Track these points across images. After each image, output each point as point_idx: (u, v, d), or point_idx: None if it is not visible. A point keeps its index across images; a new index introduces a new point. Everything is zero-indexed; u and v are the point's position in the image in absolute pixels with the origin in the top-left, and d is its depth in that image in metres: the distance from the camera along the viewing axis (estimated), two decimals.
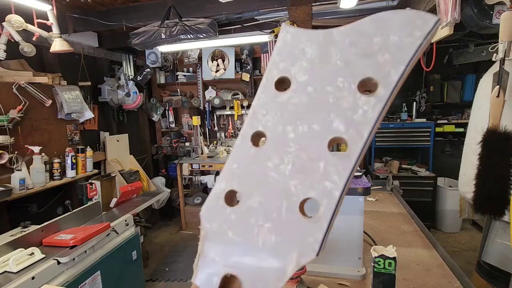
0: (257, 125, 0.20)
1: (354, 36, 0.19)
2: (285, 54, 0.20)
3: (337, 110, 0.19)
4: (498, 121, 1.40)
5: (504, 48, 1.36)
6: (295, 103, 0.20)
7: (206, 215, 0.21)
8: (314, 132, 0.19)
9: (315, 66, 0.19)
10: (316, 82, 0.19)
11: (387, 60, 0.18)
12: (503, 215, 1.47)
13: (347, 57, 0.19)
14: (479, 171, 1.50)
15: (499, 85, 1.38)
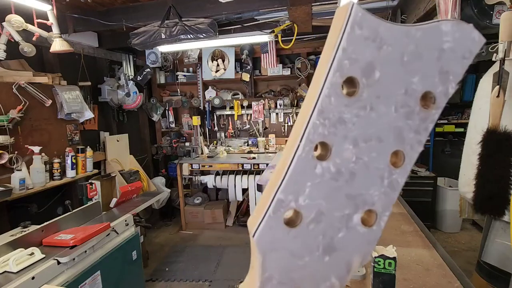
0: (321, 135, 0.18)
1: (426, 44, 0.18)
2: (358, 47, 0.17)
3: (400, 124, 0.18)
4: (498, 121, 1.40)
5: (504, 48, 1.36)
6: (361, 112, 0.18)
7: (264, 238, 0.19)
8: (378, 146, 0.19)
9: (386, 70, 0.18)
10: (384, 89, 0.18)
11: (448, 76, 0.18)
12: (503, 215, 1.47)
13: (415, 66, 0.18)
14: (479, 171, 1.50)
15: (499, 85, 1.38)
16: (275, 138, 4.57)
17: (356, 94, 0.18)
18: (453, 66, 0.19)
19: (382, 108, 0.18)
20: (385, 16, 2.84)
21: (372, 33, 0.18)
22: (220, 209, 4.28)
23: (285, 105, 4.50)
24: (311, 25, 3.21)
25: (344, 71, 0.18)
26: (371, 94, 0.18)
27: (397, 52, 0.18)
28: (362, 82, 0.18)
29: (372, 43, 0.17)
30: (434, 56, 0.18)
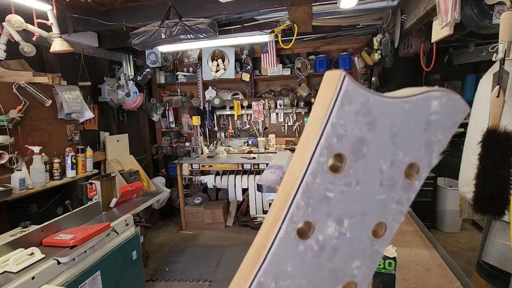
0: (304, 215, 0.18)
1: (413, 116, 0.18)
2: (347, 123, 0.17)
3: (384, 198, 0.18)
4: (498, 121, 1.40)
5: (504, 48, 1.36)
6: (346, 188, 0.18)
7: None
8: (361, 221, 0.19)
9: (374, 146, 0.18)
10: (370, 164, 0.18)
11: (433, 148, 0.18)
12: (503, 215, 1.47)
13: (402, 139, 0.18)
14: (479, 171, 1.50)
15: (499, 85, 1.38)
16: (275, 138, 4.57)
17: (343, 171, 0.18)
18: (439, 136, 0.18)
19: (368, 182, 0.18)
20: (385, 16, 2.84)
21: (362, 108, 0.17)
22: (220, 209, 4.28)
23: (285, 105, 4.50)
24: (311, 25, 3.21)
25: (332, 148, 0.17)
26: (358, 169, 0.18)
27: (386, 125, 0.17)
28: (350, 158, 0.17)
29: (362, 118, 0.17)
30: (421, 128, 0.18)
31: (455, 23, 1.70)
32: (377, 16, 3.03)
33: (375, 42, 3.21)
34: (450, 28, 1.81)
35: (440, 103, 0.18)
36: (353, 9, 2.83)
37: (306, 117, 4.64)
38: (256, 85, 4.79)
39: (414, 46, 2.65)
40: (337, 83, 0.17)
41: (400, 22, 2.68)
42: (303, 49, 4.46)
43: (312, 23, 3.18)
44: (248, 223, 4.32)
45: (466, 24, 1.86)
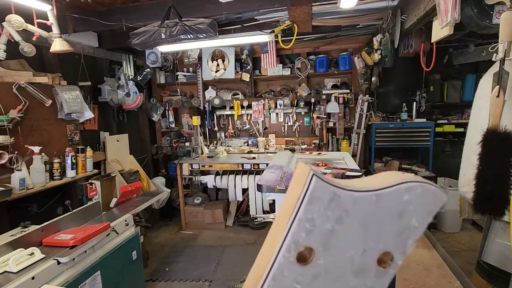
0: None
1: (386, 210, 0.18)
2: (314, 218, 0.17)
3: (357, 283, 0.18)
4: (498, 121, 1.40)
5: (504, 48, 1.36)
6: (315, 279, 0.18)
7: None
8: None
9: (343, 236, 0.18)
10: (341, 254, 0.18)
11: (406, 234, 0.18)
12: (503, 215, 1.47)
13: (374, 228, 0.18)
14: (479, 171, 1.50)
15: (499, 85, 1.38)
16: (275, 138, 4.57)
17: (311, 262, 0.17)
18: (414, 225, 0.19)
19: (338, 271, 0.18)
20: (385, 16, 2.84)
21: (331, 204, 0.17)
22: (220, 209, 4.28)
23: (285, 105, 4.50)
24: (311, 25, 3.21)
25: (300, 243, 0.17)
26: (327, 260, 0.17)
27: (356, 218, 0.17)
28: (319, 250, 0.17)
29: (331, 213, 0.17)
30: (394, 218, 0.18)
31: (455, 23, 1.71)
32: (377, 16, 3.03)
33: (375, 42, 3.21)
34: (450, 28, 1.81)
35: (415, 193, 0.18)
36: (353, 9, 2.83)
37: (306, 117, 4.64)
38: (256, 85, 4.79)
39: (414, 46, 2.65)
40: (305, 180, 0.17)
41: (400, 22, 2.68)
42: (303, 49, 4.46)
43: (312, 23, 3.18)
44: (248, 223, 4.32)
45: (466, 24, 1.86)
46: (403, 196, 0.18)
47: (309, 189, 0.17)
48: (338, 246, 0.18)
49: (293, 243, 0.17)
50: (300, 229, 0.17)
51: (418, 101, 4.14)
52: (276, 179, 1.70)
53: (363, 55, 3.78)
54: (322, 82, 4.64)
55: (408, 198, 0.18)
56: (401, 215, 0.18)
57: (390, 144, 3.99)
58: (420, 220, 0.19)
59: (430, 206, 0.18)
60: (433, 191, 0.18)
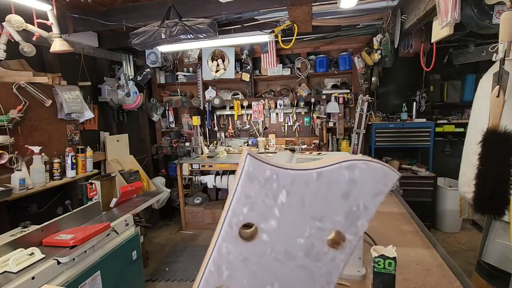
0: (218, 279, 0.18)
1: (326, 185, 0.18)
2: (252, 195, 0.17)
3: (306, 266, 0.18)
4: (498, 121, 1.40)
5: (504, 48, 1.36)
6: (261, 257, 0.18)
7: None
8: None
9: (286, 215, 0.18)
10: (285, 233, 0.18)
11: (356, 214, 0.17)
12: (503, 215, 1.47)
13: (318, 208, 0.17)
14: (479, 171, 1.50)
15: (499, 85, 1.38)
16: (275, 138, 4.57)
17: (255, 239, 0.18)
18: (363, 204, 0.18)
19: (288, 251, 0.18)
20: (385, 16, 2.84)
21: (268, 182, 0.17)
22: (220, 209, 4.28)
23: (285, 105, 4.50)
24: (311, 25, 3.21)
25: (241, 219, 0.17)
26: (272, 238, 0.17)
27: (298, 197, 0.17)
28: (261, 227, 0.18)
29: (269, 191, 0.17)
30: (339, 198, 0.18)
31: (455, 23, 1.70)
32: (377, 16, 3.03)
33: (375, 42, 3.21)
34: (450, 28, 1.81)
35: (359, 171, 0.18)
36: (353, 9, 2.83)
37: (306, 117, 4.64)
38: (256, 85, 4.79)
39: (414, 46, 2.65)
40: (242, 162, 0.17)
41: (400, 22, 2.68)
42: (303, 49, 4.46)
43: (312, 23, 3.18)
44: None
45: (466, 24, 1.86)
46: (345, 173, 0.18)
47: (245, 166, 0.18)
48: (282, 224, 0.18)
49: (234, 218, 0.18)
50: (240, 205, 0.18)
51: (418, 101, 4.14)
52: None
53: (363, 55, 3.78)
54: (322, 82, 4.64)
55: (352, 177, 0.18)
56: (346, 194, 0.18)
57: (390, 144, 3.99)
58: (369, 200, 0.18)
59: (378, 185, 0.18)
60: (379, 169, 0.18)
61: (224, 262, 0.18)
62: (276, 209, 0.18)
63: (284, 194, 0.18)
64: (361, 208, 0.18)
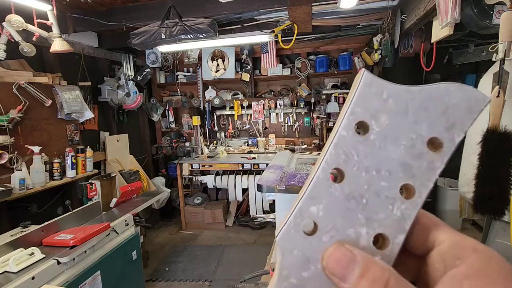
0: (337, 161, 0.22)
1: (428, 100, 0.22)
2: (367, 100, 0.22)
3: (409, 161, 0.22)
4: (498, 121, 1.40)
5: (504, 48, 1.35)
6: (372, 148, 0.22)
7: (285, 240, 0.23)
8: (388, 178, 0.22)
9: (393, 119, 0.22)
10: (392, 133, 0.22)
11: (452, 126, 0.22)
12: (503, 215, 1.47)
13: (420, 116, 0.22)
14: (479, 171, 1.50)
15: (499, 85, 1.38)
16: (275, 138, 4.57)
17: (367, 135, 0.22)
18: (459, 119, 0.22)
19: (391, 147, 0.22)
20: (385, 16, 2.84)
21: (379, 90, 0.22)
22: (220, 209, 4.28)
23: (285, 105, 4.50)
24: (311, 25, 3.21)
25: (357, 116, 0.22)
26: (380, 135, 0.22)
27: (401, 104, 0.22)
28: (372, 125, 0.22)
29: (379, 97, 0.22)
30: (438, 110, 0.22)
31: (455, 23, 1.70)
32: (377, 16, 3.03)
33: (375, 42, 3.21)
34: (450, 28, 1.81)
35: (455, 90, 0.22)
36: (353, 9, 2.82)
37: (306, 117, 4.64)
38: (256, 85, 4.79)
39: (414, 46, 2.65)
40: (360, 75, 0.22)
41: (400, 22, 2.68)
42: (303, 49, 4.46)
43: (312, 23, 3.18)
44: (248, 223, 4.32)
45: (466, 24, 1.86)
46: (443, 90, 0.22)
47: (363, 77, 0.22)
48: (388, 126, 0.22)
49: (351, 115, 0.22)
50: (356, 105, 0.22)
51: None
52: (276, 179, 1.70)
53: (363, 55, 3.78)
54: (322, 82, 4.64)
55: (450, 94, 0.22)
56: (445, 108, 0.22)
57: None
58: (465, 114, 0.22)
59: (472, 104, 0.21)
60: (471, 90, 0.22)
61: (342, 147, 0.22)
62: (385, 112, 0.22)
63: (391, 100, 0.22)
64: (457, 122, 0.21)
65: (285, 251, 0.22)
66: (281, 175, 1.82)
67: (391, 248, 0.22)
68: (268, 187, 1.63)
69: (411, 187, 0.22)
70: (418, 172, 0.22)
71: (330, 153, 0.22)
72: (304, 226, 0.23)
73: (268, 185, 1.63)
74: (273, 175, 1.82)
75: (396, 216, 0.22)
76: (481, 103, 0.22)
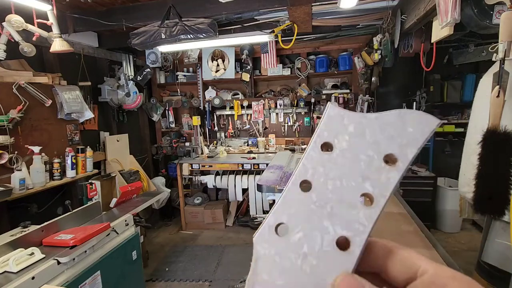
0: (305, 175, 0.26)
1: (383, 124, 0.25)
2: (331, 126, 0.26)
3: (367, 173, 0.25)
4: (498, 121, 1.40)
5: (504, 48, 1.36)
6: (335, 163, 0.26)
7: (259, 241, 0.26)
8: (349, 187, 0.25)
9: (353, 139, 0.26)
10: (352, 150, 0.26)
11: (406, 144, 0.25)
12: (503, 215, 1.47)
13: (377, 138, 0.25)
14: (479, 171, 1.50)
15: (499, 85, 1.38)
16: (275, 138, 4.57)
17: (331, 152, 0.26)
18: (411, 138, 0.25)
19: (351, 162, 0.25)
20: (385, 16, 2.84)
21: (341, 117, 0.26)
22: (220, 209, 4.28)
23: (285, 105, 4.50)
24: (311, 25, 3.21)
25: (322, 138, 0.26)
26: (342, 153, 0.26)
27: (359, 128, 0.26)
28: (335, 145, 0.26)
29: (341, 123, 0.26)
30: (392, 132, 0.25)
31: (455, 23, 1.70)
32: (377, 16, 3.03)
33: (375, 42, 3.21)
34: (450, 28, 1.81)
35: (411, 116, 0.25)
36: (353, 9, 2.82)
37: (306, 117, 4.64)
38: (256, 85, 4.79)
39: (414, 46, 2.65)
40: (326, 107, 0.27)
41: (400, 22, 2.68)
42: (303, 49, 4.46)
43: (312, 23, 3.18)
44: (248, 223, 4.32)
45: (466, 24, 1.86)
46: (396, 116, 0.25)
47: (328, 108, 0.27)
48: (349, 145, 0.26)
49: (319, 137, 0.26)
50: (323, 129, 0.26)
51: (418, 101, 4.13)
52: (276, 179, 1.70)
53: (363, 55, 3.78)
54: (322, 82, 4.64)
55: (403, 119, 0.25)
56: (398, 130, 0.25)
57: None
58: (418, 135, 0.25)
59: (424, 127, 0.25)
60: (424, 115, 0.25)
61: (310, 163, 0.26)
62: (346, 134, 0.26)
63: (351, 126, 0.25)
64: (409, 140, 0.25)
65: (260, 249, 0.26)
66: (281, 175, 1.82)
67: (352, 250, 0.25)
68: (268, 187, 1.63)
69: (370, 196, 0.25)
70: (376, 183, 0.25)
71: (299, 168, 0.26)
72: (277, 229, 0.26)
73: (268, 185, 1.63)
74: (273, 175, 1.82)
75: (357, 221, 0.25)
76: (432, 124, 0.25)
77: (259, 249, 0.26)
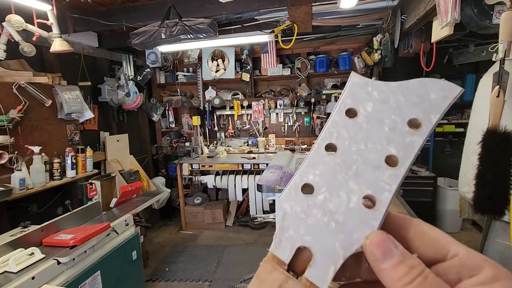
0: (330, 138, 0.27)
1: (406, 91, 0.26)
2: (355, 93, 0.27)
3: (392, 137, 0.26)
4: (498, 121, 1.40)
5: (504, 48, 1.35)
6: (360, 127, 0.26)
7: (286, 199, 0.27)
8: (374, 150, 0.26)
9: (377, 105, 0.26)
10: (376, 115, 0.26)
11: (429, 109, 0.26)
12: (503, 215, 1.47)
13: (400, 103, 0.26)
14: (479, 171, 1.50)
15: (499, 85, 1.38)
16: (275, 138, 4.57)
17: (355, 118, 0.26)
18: (434, 103, 0.26)
19: (376, 126, 0.26)
20: (385, 16, 2.84)
21: (365, 84, 0.27)
22: (220, 209, 4.28)
23: (285, 105, 4.50)
24: (311, 25, 3.21)
25: (347, 105, 0.27)
26: (367, 118, 0.26)
27: (383, 94, 0.26)
28: (359, 111, 0.26)
29: (365, 89, 0.27)
30: (415, 97, 0.26)
31: (455, 23, 1.70)
32: (377, 16, 3.03)
33: (375, 42, 3.21)
34: (450, 28, 1.81)
35: (431, 83, 0.26)
36: (353, 9, 2.82)
37: (306, 117, 4.64)
38: (256, 85, 4.79)
39: (414, 46, 2.65)
40: (350, 76, 0.28)
41: (400, 22, 2.68)
42: (303, 49, 4.46)
43: (312, 23, 3.18)
44: (248, 223, 4.32)
45: (466, 24, 1.86)
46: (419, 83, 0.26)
47: (351, 76, 0.27)
48: (373, 110, 0.26)
49: (343, 103, 0.27)
50: (347, 96, 0.27)
51: None
52: (276, 179, 1.70)
53: (363, 55, 3.78)
54: (322, 82, 4.64)
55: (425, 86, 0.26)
56: (420, 97, 0.26)
57: None
58: (440, 100, 0.26)
59: (445, 93, 0.26)
60: (446, 83, 0.26)
61: (335, 128, 0.27)
62: (370, 101, 0.26)
63: (375, 92, 0.26)
64: (433, 105, 0.26)
65: (286, 207, 0.27)
66: (281, 175, 1.82)
67: (378, 207, 0.25)
68: (268, 187, 1.63)
69: (395, 158, 0.26)
70: (401, 146, 0.25)
71: (324, 132, 0.27)
72: (303, 188, 0.27)
73: (268, 185, 1.63)
74: (273, 175, 1.82)
75: (383, 180, 0.25)
76: (454, 91, 0.26)
77: (285, 207, 0.27)
